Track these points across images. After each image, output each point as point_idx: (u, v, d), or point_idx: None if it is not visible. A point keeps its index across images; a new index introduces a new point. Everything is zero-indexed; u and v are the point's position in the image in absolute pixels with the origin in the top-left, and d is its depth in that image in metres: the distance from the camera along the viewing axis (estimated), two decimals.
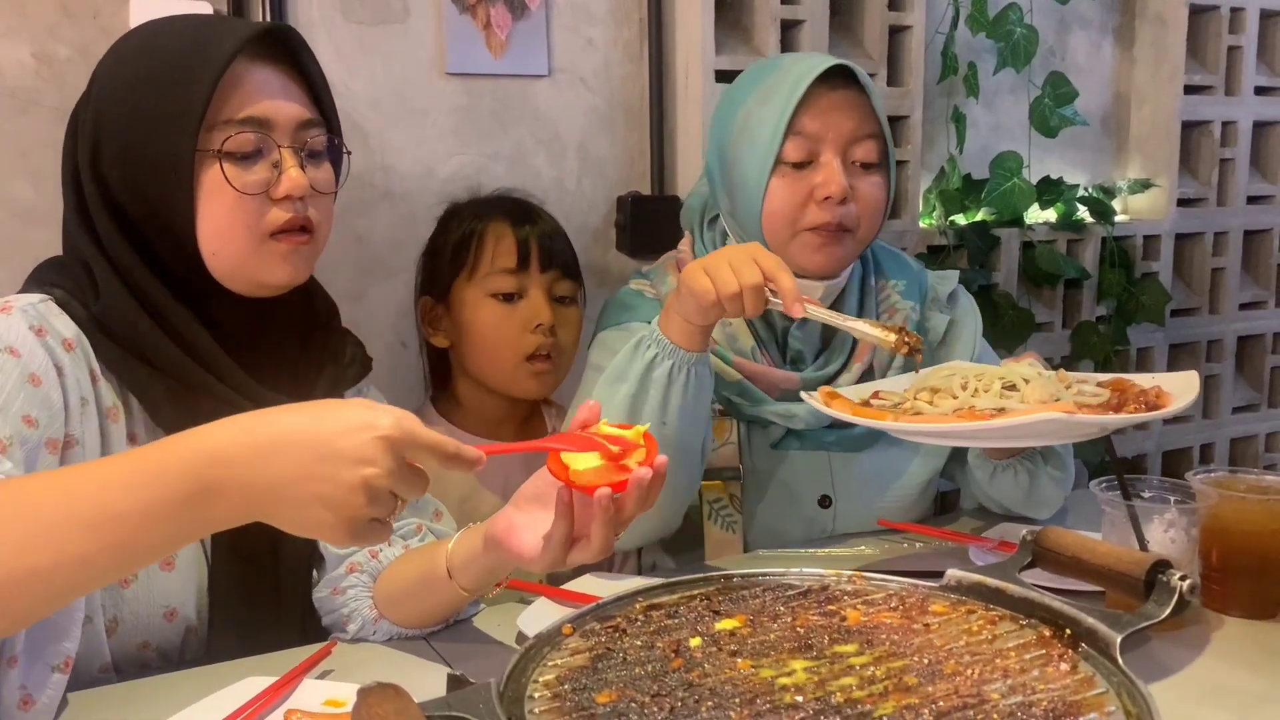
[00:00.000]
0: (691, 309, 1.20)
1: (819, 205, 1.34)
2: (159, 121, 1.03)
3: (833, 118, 1.34)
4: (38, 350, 1.00)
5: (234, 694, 0.96)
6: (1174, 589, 0.88)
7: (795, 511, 1.43)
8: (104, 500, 0.74)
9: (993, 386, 1.17)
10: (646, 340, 1.24)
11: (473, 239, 1.53)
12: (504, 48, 1.80)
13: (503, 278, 1.51)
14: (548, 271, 1.53)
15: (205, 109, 1.03)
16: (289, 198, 1.07)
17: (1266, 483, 1.15)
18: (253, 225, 1.07)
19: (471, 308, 1.52)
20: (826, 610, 0.91)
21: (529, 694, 0.77)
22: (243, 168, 1.06)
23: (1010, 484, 1.41)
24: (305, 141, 1.10)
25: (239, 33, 1.06)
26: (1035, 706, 0.74)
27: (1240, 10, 2.41)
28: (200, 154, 1.04)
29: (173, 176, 1.04)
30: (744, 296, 1.15)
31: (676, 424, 1.23)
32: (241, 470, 0.75)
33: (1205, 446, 2.56)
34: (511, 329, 1.51)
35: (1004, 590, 0.92)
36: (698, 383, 1.24)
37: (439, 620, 1.12)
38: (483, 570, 1.04)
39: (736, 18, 1.95)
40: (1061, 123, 2.20)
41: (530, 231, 1.53)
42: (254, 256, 1.08)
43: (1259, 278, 2.59)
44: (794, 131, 1.33)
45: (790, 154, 1.34)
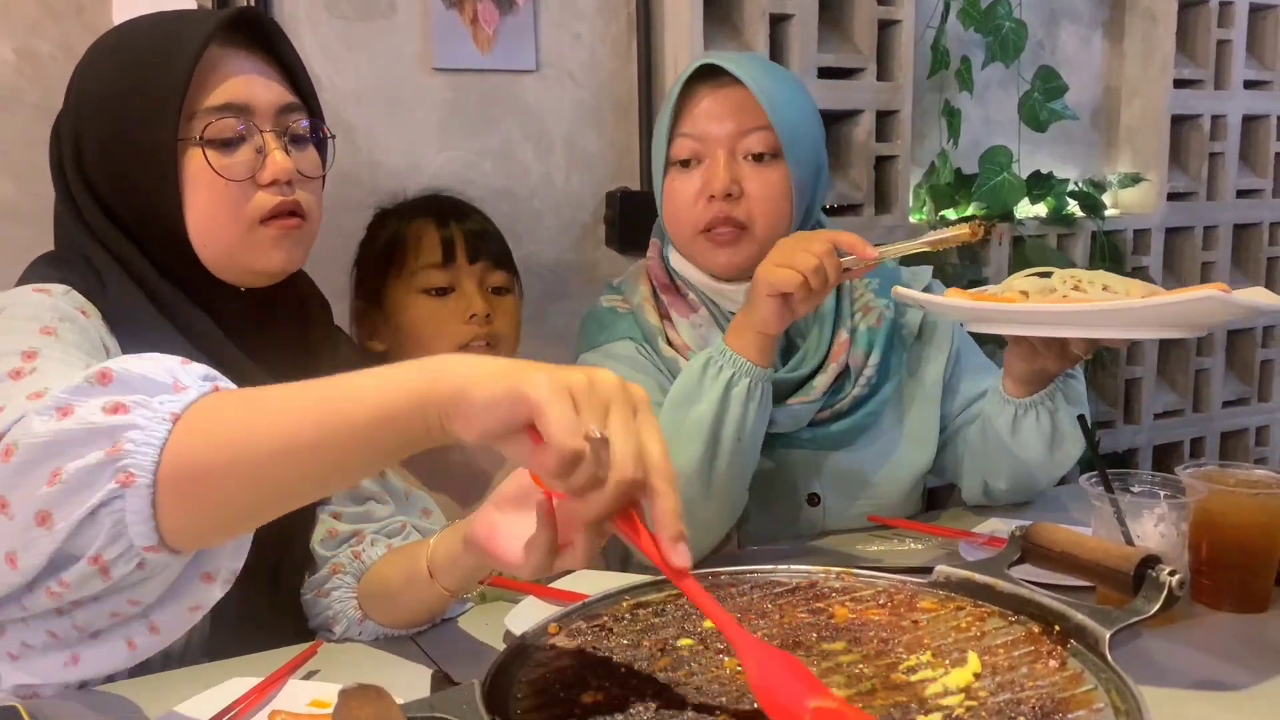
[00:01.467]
0: (770, 312, 1.21)
1: (706, 202, 1.36)
2: (138, 113, 1.03)
3: (715, 115, 1.37)
4: (90, 328, 1.00)
5: (219, 695, 0.95)
6: (1163, 584, 0.88)
7: (785, 511, 1.43)
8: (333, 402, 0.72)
9: (1095, 284, 1.16)
10: (718, 360, 1.25)
11: (398, 239, 1.51)
12: (491, 43, 1.79)
13: (431, 273, 1.48)
14: (476, 263, 1.50)
15: (183, 97, 1.02)
16: (275, 182, 1.06)
17: (1256, 477, 1.14)
18: (240, 212, 1.06)
19: (404, 306, 1.50)
20: (814, 607, 0.91)
21: (514, 693, 0.76)
22: (226, 154, 1.05)
23: (1033, 428, 1.35)
24: (287, 126, 1.09)
25: (211, 20, 1.05)
26: (1024, 703, 0.74)
27: (1229, 4, 2.42)
28: (182, 143, 1.03)
29: (156, 168, 1.03)
30: (824, 263, 1.17)
31: (750, 440, 1.26)
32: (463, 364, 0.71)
33: (1195, 440, 2.56)
34: (445, 322, 1.48)
35: (993, 586, 0.91)
36: (767, 398, 1.28)
37: (424, 620, 1.11)
38: (465, 571, 1.03)
39: (725, 12, 1.95)
40: (1051, 117, 2.20)
41: (455, 227, 1.50)
42: (244, 244, 1.07)
43: (1248, 271, 2.60)
44: (680, 133, 1.38)
45: (677, 153, 1.38)
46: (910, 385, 1.48)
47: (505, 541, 0.93)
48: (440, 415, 0.69)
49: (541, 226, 1.89)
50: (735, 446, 1.24)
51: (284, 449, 0.71)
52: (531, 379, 0.67)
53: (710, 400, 1.24)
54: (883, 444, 1.46)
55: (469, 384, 0.68)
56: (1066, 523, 1.02)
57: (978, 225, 1.19)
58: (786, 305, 1.21)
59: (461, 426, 0.69)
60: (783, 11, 1.92)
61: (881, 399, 1.45)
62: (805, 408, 1.40)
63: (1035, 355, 1.30)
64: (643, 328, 1.44)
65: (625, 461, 0.67)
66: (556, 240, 1.92)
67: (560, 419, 0.65)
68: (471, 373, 0.69)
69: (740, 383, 1.24)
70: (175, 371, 0.75)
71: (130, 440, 0.70)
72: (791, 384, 1.41)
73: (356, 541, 1.15)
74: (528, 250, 1.63)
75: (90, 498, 0.70)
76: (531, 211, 1.88)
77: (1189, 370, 2.53)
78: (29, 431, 0.72)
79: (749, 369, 1.25)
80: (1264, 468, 1.16)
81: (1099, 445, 1.19)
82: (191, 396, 0.73)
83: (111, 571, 0.73)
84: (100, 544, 0.71)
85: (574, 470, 0.66)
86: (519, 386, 0.67)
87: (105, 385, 0.73)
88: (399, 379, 0.70)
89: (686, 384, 1.27)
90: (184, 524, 0.72)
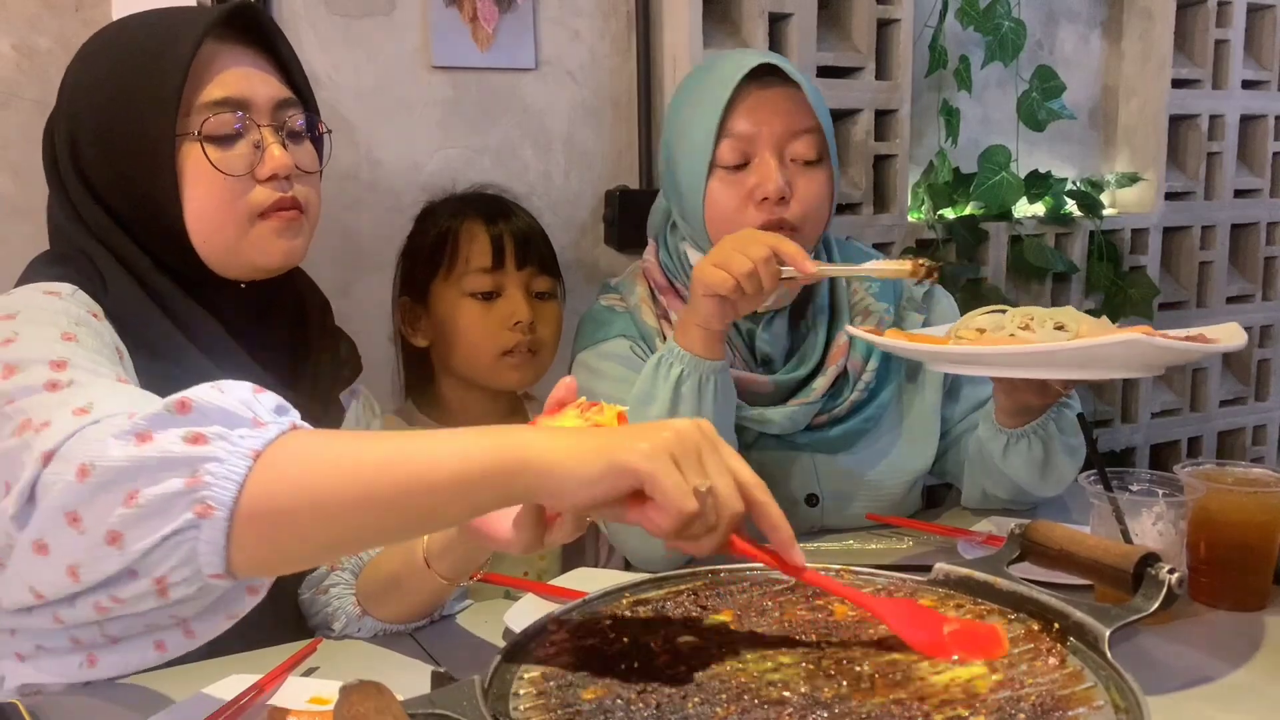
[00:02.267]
0: (710, 310, 1.21)
1: (757, 206, 1.33)
2: (135, 110, 1.03)
3: (764, 116, 1.33)
4: (103, 331, 1.00)
5: (219, 691, 0.95)
6: (1162, 582, 0.88)
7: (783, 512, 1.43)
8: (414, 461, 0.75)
9: (1046, 324, 1.16)
10: (668, 358, 1.26)
11: (448, 239, 1.52)
12: (490, 41, 1.79)
13: (479, 277, 1.50)
14: (524, 268, 1.52)
15: (180, 93, 1.02)
16: (274, 177, 1.06)
17: (1254, 475, 1.15)
18: (239, 207, 1.06)
19: (450, 307, 1.52)
20: (814, 605, 0.91)
21: (514, 690, 0.76)
22: (224, 149, 1.05)
23: (1024, 456, 1.37)
24: (285, 121, 1.09)
25: (207, 15, 1.05)
26: (1024, 701, 0.74)
27: (1227, 4, 2.42)
28: (180, 138, 1.03)
29: (154, 164, 1.03)
30: (759, 270, 1.18)
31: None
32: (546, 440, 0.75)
33: (1193, 439, 2.56)
34: (490, 327, 1.50)
35: (992, 584, 0.91)
36: (725, 391, 1.27)
37: (422, 613, 1.11)
38: (460, 557, 1.03)
39: (724, 10, 1.95)
40: (1049, 116, 2.20)
41: (504, 229, 1.52)
42: (244, 239, 1.07)
43: (1246, 271, 2.60)
44: (725, 134, 1.33)
45: (724, 157, 1.33)
46: (909, 390, 1.48)
47: (495, 519, 0.93)
48: (525, 489, 0.73)
49: (540, 224, 1.89)
50: None
51: (362, 502, 0.74)
52: (630, 449, 0.71)
53: (662, 400, 1.25)
54: (881, 447, 1.46)
55: (559, 461, 0.72)
56: (1065, 521, 1.02)
57: (919, 264, 1.20)
58: (724, 304, 1.22)
59: (552, 500, 0.74)
60: (781, 10, 1.92)
61: (880, 404, 1.45)
62: (804, 409, 1.40)
63: (1015, 390, 1.32)
64: (640, 328, 1.44)
65: (731, 501, 0.74)
66: (555, 238, 1.90)
67: (673, 487, 0.71)
68: (557, 450, 0.73)
69: (690, 379, 1.25)
70: (251, 405, 0.77)
71: (209, 473, 0.73)
72: (790, 385, 1.40)
73: None
74: None
75: (165, 525, 0.73)
76: (530, 209, 1.86)
77: (1186, 369, 2.53)
78: (106, 455, 0.74)
79: (697, 364, 1.25)
80: (1261, 466, 1.16)
81: (1097, 443, 1.19)
82: (271, 434, 0.76)
83: (171, 593, 0.76)
84: (168, 568, 0.74)
85: (688, 529, 0.72)
86: (621, 460, 0.71)
87: (184, 414, 0.75)
88: (480, 450, 0.73)
89: (642, 384, 1.28)
90: (256, 558, 0.75)
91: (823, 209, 1.38)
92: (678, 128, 1.39)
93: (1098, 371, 1.19)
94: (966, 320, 1.24)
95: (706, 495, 0.72)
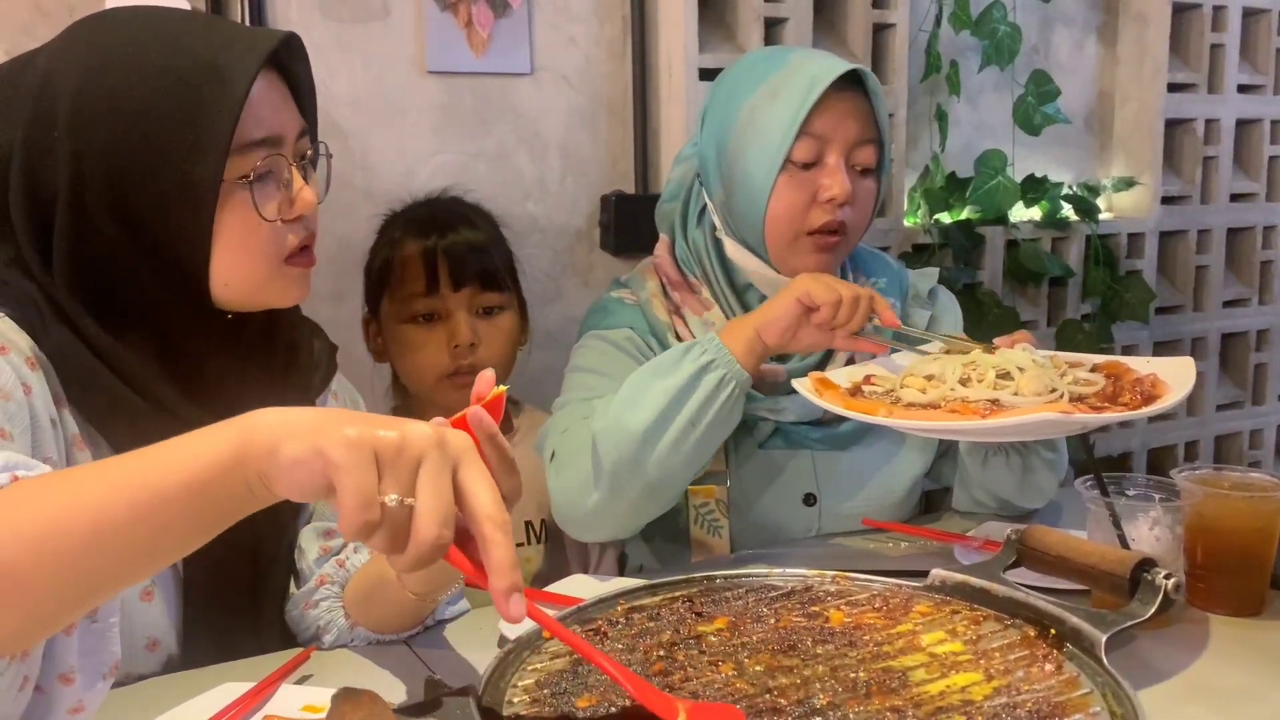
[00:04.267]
0: (786, 315, 1.25)
1: (821, 206, 1.34)
2: (172, 153, 0.94)
3: (842, 121, 1.34)
4: (3, 366, 0.92)
5: (211, 699, 0.94)
6: (1159, 587, 0.88)
7: (781, 510, 1.43)
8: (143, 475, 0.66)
9: (987, 376, 1.17)
10: (703, 345, 1.26)
11: (392, 260, 1.50)
12: (485, 46, 1.79)
13: (416, 301, 1.47)
14: (462, 289, 1.48)
15: (231, 136, 0.94)
16: (300, 217, 1.02)
17: (1251, 480, 1.14)
18: (274, 252, 1.01)
19: (394, 329, 1.51)
20: (810, 611, 0.91)
21: (508, 699, 0.76)
22: (262, 193, 0.99)
23: (1003, 470, 1.40)
24: (304, 152, 1.04)
25: (256, 48, 0.96)
26: (1020, 707, 0.74)
27: (1222, 8, 2.42)
28: (225, 184, 0.96)
29: (192, 210, 0.95)
30: (860, 302, 1.25)
31: (702, 433, 1.25)
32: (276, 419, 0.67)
33: (1190, 444, 2.56)
34: (430, 350, 1.48)
35: (988, 590, 0.91)
36: (736, 402, 1.27)
37: (411, 623, 1.10)
38: (424, 576, 0.97)
39: (720, 15, 1.95)
40: (1045, 121, 2.20)
41: (439, 248, 1.47)
42: (270, 282, 1.02)
43: (1242, 275, 2.60)
44: (805, 133, 1.33)
45: (799, 154, 1.33)
46: None
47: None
48: (259, 475, 0.65)
49: (535, 230, 1.89)
50: (686, 429, 1.23)
51: (96, 536, 0.65)
52: (334, 437, 0.63)
53: (680, 377, 1.24)
54: (881, 447, 1.46)
55: (279, 440, 0.64)
56: (1062, 526, 1.02)
57: (986, 347, 1.25)
58: (802, 320, 1.25)
59: (279, 485, 0.65)
60: (777, 15, 1.92)
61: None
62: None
63: None
64: (650, 322, 1.44)
65: (429, 527, 0.63)
66: (551, 244, 1.92)
67: (355, 487, 0.63)
68: (282, 427, 0.65)
69: (715, 371, 1.24)
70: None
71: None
72: (802, 373, 1.41)
73: (340, 550, 1.15)
74: (522, 254, 1.62)
75: None
76: (526, 215, 1.87)
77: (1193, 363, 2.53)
78: None
79: (729, 362, 1.25)
80: (1258, 471, 1.16)
81: (1094, 449, 1.19)
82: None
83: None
84: None
85: (370, 536, 0.64)
86: (319, 444, 0.63)
87: None
88: (209, 443, 0.66)
89: (666, 359, 1.28)
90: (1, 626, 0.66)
91: (869, 217, 1.42)
92: (744, 117, 1.37)
93: (1026, 437, 1.30)
94: (916, 366, 1.25)
95: (397, 510, 0.63)
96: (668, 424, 1.23)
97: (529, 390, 1.66)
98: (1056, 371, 1.19)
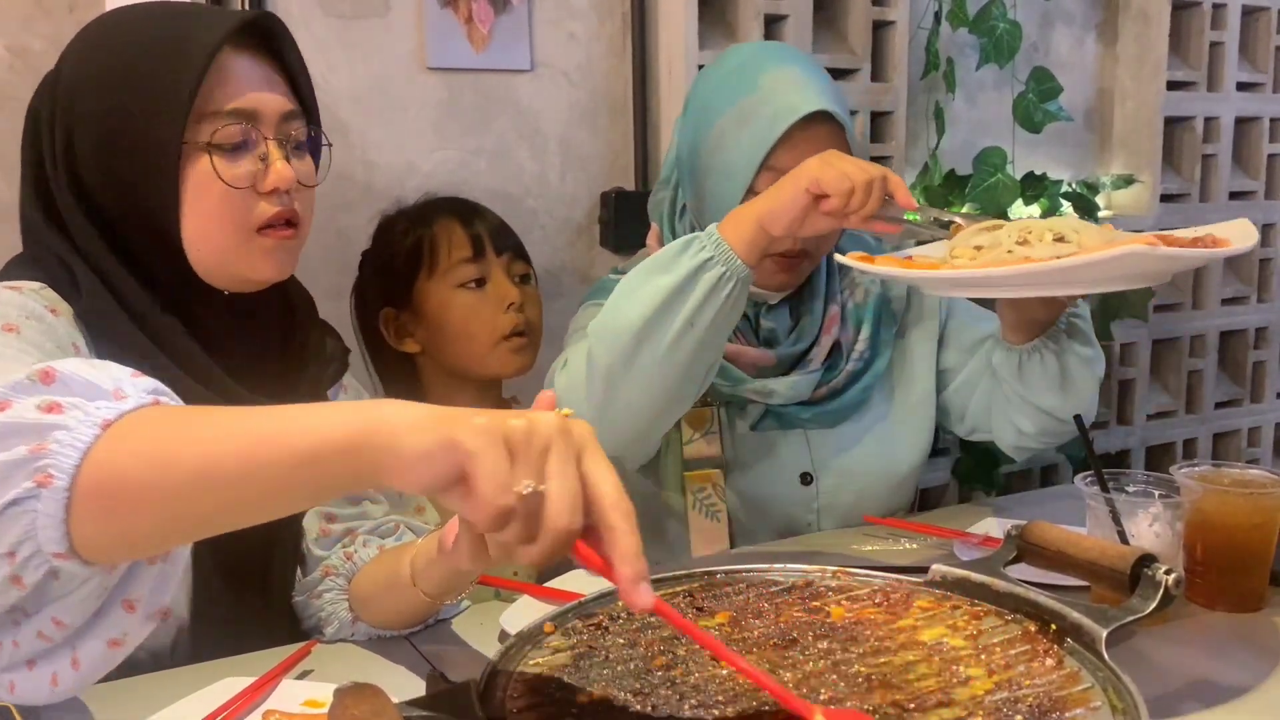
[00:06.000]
0: (790, 205, 1.15)
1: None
2: (142, 114, 1.01)
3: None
4: (58, 326, 1.00)
5: (213, 694, 0.95)
6: (1159, 583, 0.88)
7: (778, 491, 1.44)
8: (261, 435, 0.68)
9: (1044, 238, 1.11)
10: (702, 240, 1.19)
11: (424, 241, 1.56)
12: (486, 42, 1.79)
13: (465, 267, 1.55)
14: (503, 254, 1.58)
15: (192, 101, 1.01)
16: (276, 191, 1.06)
17: (1250, 476, 1.15)
18: (240, 219, 1.05)
19: (441, 303, 1.55)
20: (810, 606, 0.91)
21: (509, 693, 0.76)
22: (230, 160, 1.04)
23: (1039, 373, 1.34)
24: (290, 134, 1.08)
25: (224, 22, 1.04)
26: (1021, 702, 0.74)
27: (1222, 6, 2.42)
28: (187, 146, 1.02)
29: (157, 170, 1.02)
30: (875, 186, 1.15)
31: (702, 334, 1.18)
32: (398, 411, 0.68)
33: (1189, 441, 2.57)
34: (485, 313, 1.54)
35: (989, 585, 0.91)
36: (737, 299, 1.19)
37: (414, 622, 1.11)
38: (442, 577, 1.01)
39: (720, 12, 1.95)
40: (1045, 118, 2.20)
41: (478, 222, 1.58)
42: (240, 251, 1.06)
43: (1241, 273, 2.60)
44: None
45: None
46: (903, 359, 1.50)
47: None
48: (373, 466, 0.66)
49: (536, 226, 1.89)
50: (684, 329, 1.17)
51: (203, 477, 0.68)
52: (466, 426, 0.64)
53: (677, 274, 1.18)
54: (876, 424, 1.47)
55: (402, 433, 0.65)
56: (1062, 522, 1.02)
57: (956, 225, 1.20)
58: (810, 209, 1.16)
59: (396, 479, 0.66)
60: (777, 12, 1.92)
61: (875, 373, 1.47)
62: (805, 379, 1.42)
63: (1020, 305, 1.30)
64: None
65: (560, 515, 0.64)
66: (551, 240, 1.92)
67: (491, 473, 0.63)
68: (404, 421, 0.65)
69: (714, 269, 1.17)
70: (120, 380, 0.72)
71: (56, 440, 0.68)
72: (791, 359, 1.43)
73: (349, 542, 1.15)
74: None
75: (6, 492, 0.68)
76: (526, 211, 1.87)
77: (1181, 371, 2.53)
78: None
79: (729, 258, 1.17)
80: (1258, 467, 1.16)
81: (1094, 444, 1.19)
82: (128, 406, 0.70)
83: (24, 578, 0.70)
84: (11, 542, 0.69)
85: (505, 526, 0.64)
86: (452, 434, 0.63)
87: (47, 384, 0.71)
88: (331, 423, 0.67)
89: (663, 254, 1.21)
90: (97, 534, 0.69)
91: (835, 236, 1.42)
92: (714, 139, 1.36)
93: (1103, 285, 1.16)
94: (963, 238, 1.18)
95: (531, 498, 0.63)
96: (664, 322, 1.17)
97: (532, 387, 1.66)
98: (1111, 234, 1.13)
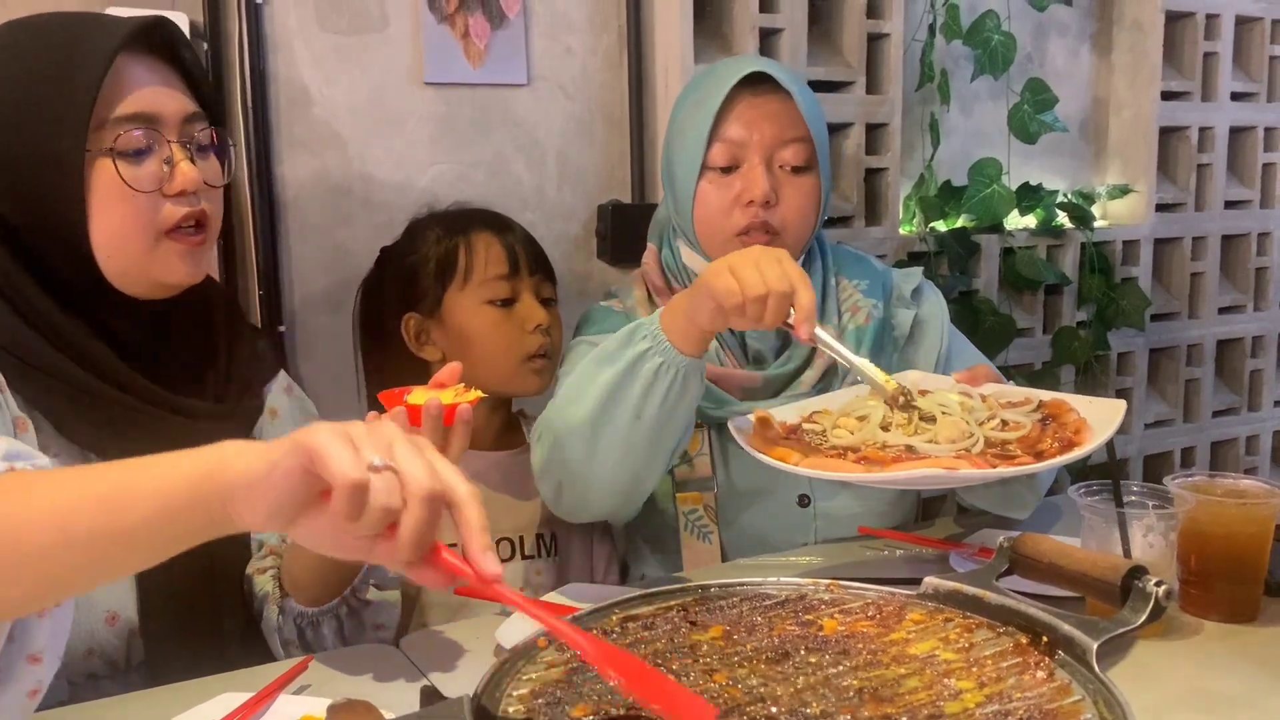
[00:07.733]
0: (706, 310, 1.13)
1: (743, 209, 1.36)
2: (42, 123, 1.01)
3: (755, 123, 1.36)
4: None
5: (209, 710, 0.95)
6: (1150, 595, 0.88)
7: (775, 513, 1.43)
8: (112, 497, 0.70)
9: (912, 420, 1.16)
10: (643, 330, 1.19)
11: (459, 250, 1.54)
12: (483, 57, 1.80)
13: (498, 284, 1.53)
14: (534, 275, 1.56)
15: (91, 110, 1.01)
16: (183, 193, 1.07)
17: (1243, 487, 1.15)
18: (148, 223, 1.06)
19: (468, 315, 1.53)
20: (804, 620, 0.91)
21: (503, 708, 0.77)
22: (134, 165, 1.04)
23: (980, 493, 1.40)
24: (193, 135, 1.09)
25: (120, 29, 1.04)
26: (1011, 715, 0.74)
27: (1216, 16, 2.43)
28: (90, 154, 1.02)
29: (61, 179, 1.02)
30: (769, 301, 1.09)
31: (651, 424, 1.18)
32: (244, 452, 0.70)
33: (1186, 450, 2.57)
34: (511, 332, 1.53)
35: (981, 598, 0.92)
36: (682, 388, 1.18)
37: (331, 592, 1.11)
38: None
39: (716, 25, 1.96)
40: (1041, 129, 2.21)
41: (514, 239, 1.56)
42: (150, 256, 1.07)
43: (1237, 282, 2.61)
44: (718, 138, 1.36)
45: (715, 159, 1.37)
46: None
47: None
48: (222, 505, 0.68)
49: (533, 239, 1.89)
50: (632, 421, 1.17)
51: (58, 543, 0.69)
52: (307, 432, 0.66)
53: (618, 368, 1.17)
54: None
55: (250, 466, 0.67)
56: (1055, 533, 1.02)
57: (901, 392, 1.18)
58: (719, 313, 1.12)
59: (247, 510, 0.68)
60: (773, 25, 1.93)
61: None
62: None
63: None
64: None
65: (420, 477, 0.66)
66: (548, 253, 1.91)
67: (339, 455, 0.64)
68: (247, 451, 0.68)
69: (651, 360, 1.16)
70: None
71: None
72: (781, 380, 1.41)
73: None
74: None
75: None
76: (523, 224, 1.87)
77: (1179, 380, 2.54)
78: None
79: (666, 350, 1.16)
80: (1252, 477, 1.17)
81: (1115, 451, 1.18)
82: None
83: None
84: None
85: (364, 505, 0.65)
86: (295, 439, 0.66)
87: None
88: (177, 473, 0.69)
89: (610, 344, 1.21)
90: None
91: (808, 216, 1.40)
92: (676, 128, 1.43)
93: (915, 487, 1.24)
94: (852, 405, 1.22)
95: (383, 469, 0.65)
96: (613, 415, 1.17)
97: (534, 403, 1.66)
98: (985, 413, 1.16)
